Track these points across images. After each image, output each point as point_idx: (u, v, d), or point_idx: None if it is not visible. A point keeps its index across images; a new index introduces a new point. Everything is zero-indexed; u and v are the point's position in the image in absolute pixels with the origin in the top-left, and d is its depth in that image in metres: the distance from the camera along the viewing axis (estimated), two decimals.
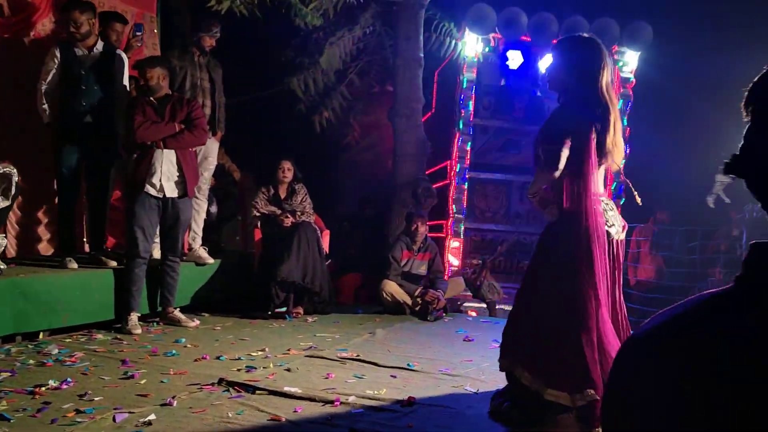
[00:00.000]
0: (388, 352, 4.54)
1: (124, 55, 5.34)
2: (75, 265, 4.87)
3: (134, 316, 4.90)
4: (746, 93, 0.91)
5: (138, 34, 5.69)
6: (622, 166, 3.40)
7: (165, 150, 4.96)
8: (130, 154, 5.04)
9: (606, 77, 3.02)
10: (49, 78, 5.05)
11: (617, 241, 3.15)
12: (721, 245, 8.14)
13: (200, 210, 6.03)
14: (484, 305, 7.17)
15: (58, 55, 5.05)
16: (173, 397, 3.17)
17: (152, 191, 4.95)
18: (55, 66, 5.05)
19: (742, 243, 6.55)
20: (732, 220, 7.88)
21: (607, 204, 3.18)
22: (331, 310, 6.24)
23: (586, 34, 3.29)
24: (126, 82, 5.35)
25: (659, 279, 8.20)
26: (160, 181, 4.96)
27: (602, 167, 3.12)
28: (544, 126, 3.11)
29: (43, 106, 5.07)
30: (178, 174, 5.03)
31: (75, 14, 5.00)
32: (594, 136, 2.99)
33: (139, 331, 4.82)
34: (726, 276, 7.38)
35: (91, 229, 5.45)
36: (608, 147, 3.02)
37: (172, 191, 5.01)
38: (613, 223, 3.14)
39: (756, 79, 0.91)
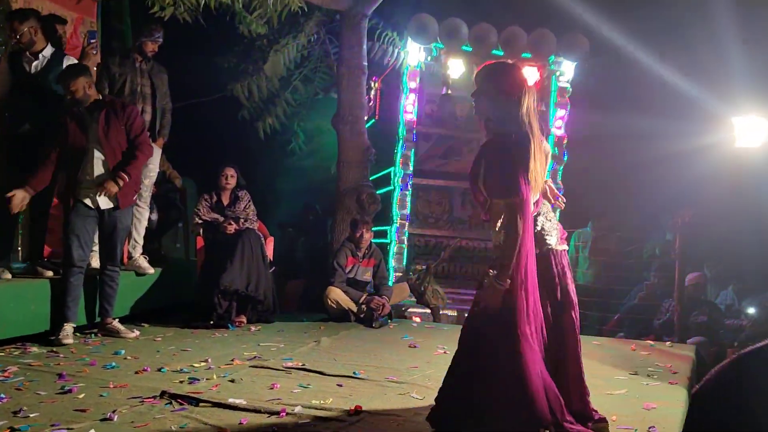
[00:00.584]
0: (334, 361, 4.53)
1: (72, 59, 5.21)
2: (8, 275, 4.71)
3: (68, 327, 4.75)
4: None
5: (92, 41, 5.55)
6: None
7: (95, 159, 4.83)
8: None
9: (528, 103, 2.92)
10: None
11: (558, 251, 3.19)
12: (656, 249, 8.41)
13: (141, 218, 5.92)
14: (429, 310, 7.24)
15: (5, 63, 4.97)
16: (113, 412, 3.09)
17: (87, 202, 4.83)
18: (4, 74, 4.96)
19: (675, 247, 6.77)
20: (666, 225, 8.16)
21: (545, 215, 3.22)
22: (276, 319, 6.19)
23: (509, 61, 3.28)
24: None
25: (596, 283, 8.41)
26: (93, 191, 4.83)
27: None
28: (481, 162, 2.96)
29: None
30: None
31: (15, 24, 4.92)
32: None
33: (71, 341, 4.68)
34: (661, 280, 7.62)
35: (28, 238, 5.28)
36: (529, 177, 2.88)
37: (106, 203, 4.89)
38: (551, 233, 3.20)
39: None
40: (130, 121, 4.97)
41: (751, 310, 6.59)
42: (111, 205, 4.90)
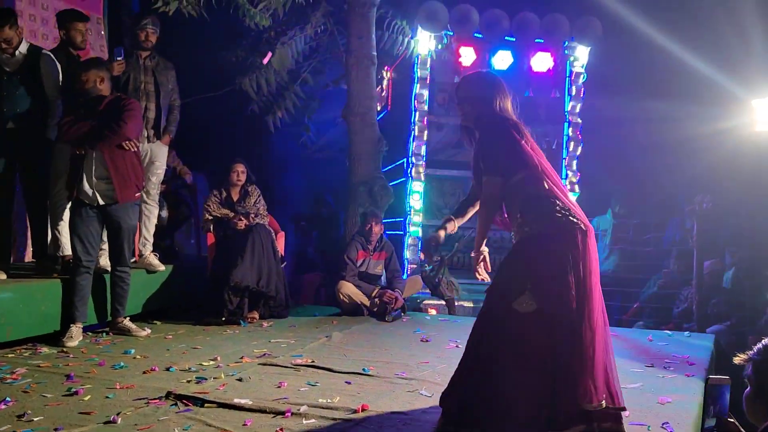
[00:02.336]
0: (344, 357, 4.48)
1: (51, 55, 5.10)
2: (3, 276, 4.71)
3: (74, 328, 4.72)
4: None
5: (119, 59, 5.37)
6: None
7: (95, 155, 4.76)
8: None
9: (499, 101, 3.15)
10: None
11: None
12: (675, 236, 8.27)
13: (150, 215, 5.89)
14: (444, 302, 7.17)
15: None
16: (118, 414, 3.06)
17: (85, 200, 4.79)
18: None
19: (693, 234, 6.64)
20: (684, 212, 8.01)
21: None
22: (288, 314, 6.15)
23: (482, 70, 3.53)
24: (55, 82, 5.08)
25: (616, 272, 8.31)
26: (92, 188, 4.77)
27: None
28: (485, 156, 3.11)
29: None
30: (106, 180, 4.79)
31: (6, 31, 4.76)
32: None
33: (74, 343, 4.64)
34: (680, 267, 7.49)
35: (33, 237, 5.27)
36: None
37: (102, 198, 4.81)
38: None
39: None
40: (124, 108, 4.81)
41: None
42: (107, 201, 4.82)
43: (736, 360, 2.36)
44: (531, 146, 3.06)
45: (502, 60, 8.06)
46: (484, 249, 3.14)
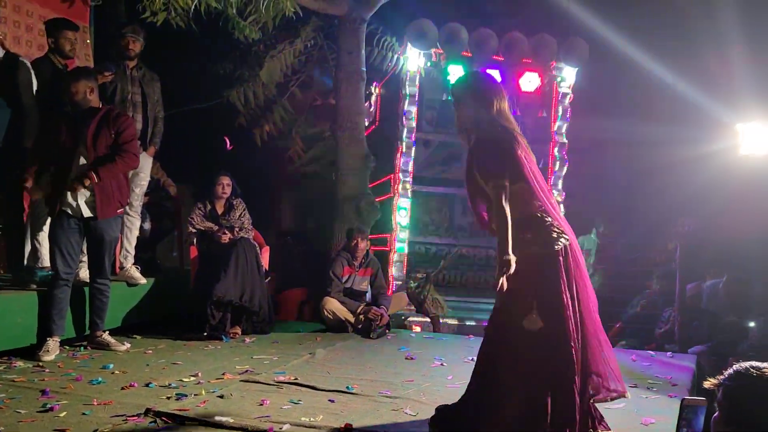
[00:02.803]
0: (328, 374, 4.41)
1: (27, 63, 5.04)
2: None
3: (51, 342, 4.61)
4: None
5: (107, 74, 5.34)
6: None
7: (82, 165, 4.67)
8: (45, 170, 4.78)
9: (498, 105, 3.14)
10: None
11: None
12: (658, 257, 8.30)
13: (132, 227, 5.82)
14: (429, 320, 7.13)
15: None
16: (95, 431, 2.98)
17: (69, 211, 4.71)
18: None
19: (675, 256, 6.66)
20: (667, 233, 8.04)
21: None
22: (271, 330, 6.07)
23: (476, 70, 3.52)
24: (30, 90, 5.01)
25: (600, 291, 8.29)
26: (76, 200, 4.70)
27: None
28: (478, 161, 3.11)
29: None
30: (92, 192, 4.72)
31: None
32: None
33: (51, 357, 4.53)
34: (663, 288, 7.50)
35: (6, 248, 5.18)
36: None
37: (88, 211, 4.74)
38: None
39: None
40: (122, 129, 4.79)
41: (752, 324, 6.45)
42: (91, 214, 4.75)
43: (707, 384, 2.34)
44: (526, 157, 3.06)
45: None
46: (512, 257, 2.94)
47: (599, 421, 3.07)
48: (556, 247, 2.99)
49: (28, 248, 5.16)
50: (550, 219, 3.04)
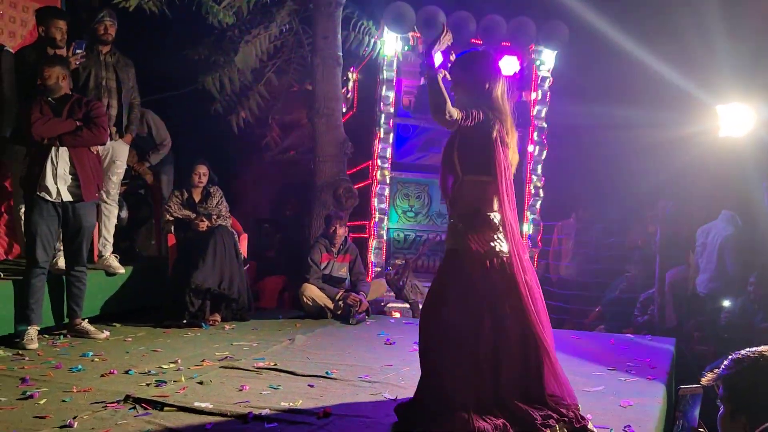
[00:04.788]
0: (307, 360, 4.42)
1: (9, 50, 5.02)
2: None
3: (32, 330, 4.60)
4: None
5: (78, 52, 5.26)
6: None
7: (59, 150, 4.68)
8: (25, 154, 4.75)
9: (500, 88, 3.12)
10: None
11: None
12: (638, 241, 8.36)
13: (110, 215, 5.77)
14: (408, 306, 7.15)
15: None
16: (74, 418, 2.97)
17: (47, 196, 4.68)
18: None
19: (656, 239, 6.71)
20: (646, 217, 8.09)
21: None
22: (251, 317, 6.06)
23: (479, 49, 3.44)
24: (12, 79, 5.01)
25: (579, 276, 8.35)
26: (56, 185, 4.69)
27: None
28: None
29: None
30: (72, 176, 4.75)
31: None
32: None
33: (35, 345, 4.53)
34: (641, 272, 7.57)
35: None
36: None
37: (68, 195, 4.74)
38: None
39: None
40: (92, 108, 4.85)
41: (727, 303, 6.51)
42: (73, 198, 4.75)
43: (704, 381, 2.25)
44: (504, 152, 3.05)
45: None
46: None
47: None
48: (488, 251, 3.01)
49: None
50: (502, 226, 3.05)
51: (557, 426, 2.89)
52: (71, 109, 4.77)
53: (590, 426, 2.94)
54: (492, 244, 3.03)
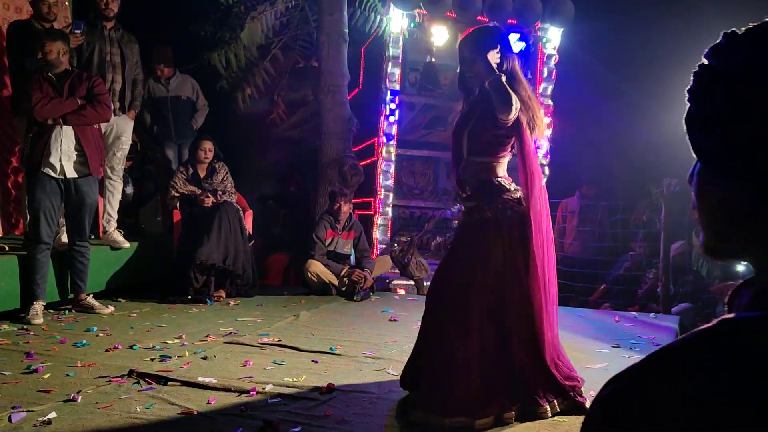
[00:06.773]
0: (312, 336, 4.44)
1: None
2: None
3: (37, 305, 4.64)
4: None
5: (77, 32, 5.23)
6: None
7: (64, 127, 4.69)
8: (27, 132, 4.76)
9: (513, 64, 3.20)
10: None
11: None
12: (643, 216, 8.33)
13: (115, 191, 5.78)
14: (413, 283, 7.16)
15: None
16: (78, 392, 2.99)
17: (51, 173, 4.69)
18: None
19: (661, 217, 6.68)
20: (652, 194, 8.05)
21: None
22: (256, 293, 6.09)
23: (492, 24, 3.48)
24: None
25: (584, 254, 8.33)
26: (60, 161, 4.70)
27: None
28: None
29: None
30: (77, 152, 4.77)
31: None
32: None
33: (40, 321, 4.57)
34: (646, 250, 7.55)
35: None
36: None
37: (72, 171, 4.76)
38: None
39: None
40: (94, 85, 4.85)
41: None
42: (77, 174, 4.78)
43: None
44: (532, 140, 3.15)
45: None
46: None
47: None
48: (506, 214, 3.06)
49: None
50: (509, 194, 3.10)
51: (556, 402, 2.91)
52: (72, 84, 4.78)
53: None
54: (502, 205, 3.08)
